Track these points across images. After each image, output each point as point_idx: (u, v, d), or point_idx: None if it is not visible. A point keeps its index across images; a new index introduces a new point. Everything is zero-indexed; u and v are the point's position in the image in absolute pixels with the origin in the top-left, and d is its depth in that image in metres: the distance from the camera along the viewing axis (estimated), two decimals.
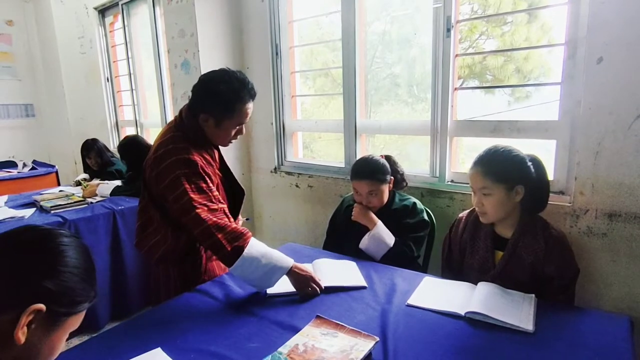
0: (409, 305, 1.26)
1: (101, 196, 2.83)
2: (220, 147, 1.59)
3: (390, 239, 1.72)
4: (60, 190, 3.11)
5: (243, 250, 1.30)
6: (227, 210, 1.40)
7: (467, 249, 1.51)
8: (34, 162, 4.63)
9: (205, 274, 1.56)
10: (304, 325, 1.15)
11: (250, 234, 1.36)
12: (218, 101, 1.40)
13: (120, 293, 2.59)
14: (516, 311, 1.18)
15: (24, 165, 4.39)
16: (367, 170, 1.78)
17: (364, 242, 1.74)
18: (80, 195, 2.83)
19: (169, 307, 1.32)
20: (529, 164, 1.38)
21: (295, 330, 1.13)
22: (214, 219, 1.32)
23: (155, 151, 1.43)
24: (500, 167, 1.36)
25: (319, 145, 3.23)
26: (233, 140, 1.53)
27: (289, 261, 1.36)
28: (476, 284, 1.34)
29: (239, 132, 1.50)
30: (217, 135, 1.47)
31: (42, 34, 4.93)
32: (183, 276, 1.52)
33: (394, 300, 1.30)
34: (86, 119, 4.71)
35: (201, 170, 1.38)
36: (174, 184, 1.34)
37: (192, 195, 1.33)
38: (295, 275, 1.35)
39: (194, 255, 1.53)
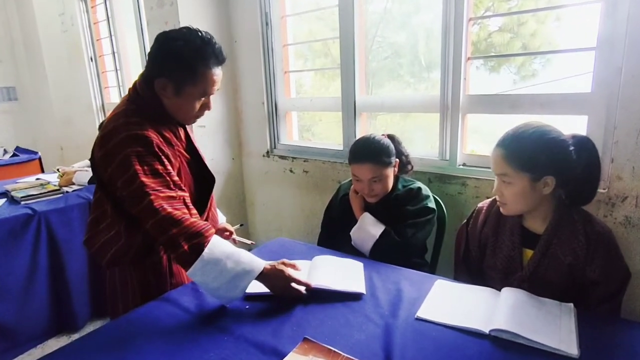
0: (418, 319, 1.03)
1: (78, 185, 2.59)
2: (186, 124, 1.34)
3: (376, 229, 1.50)
4: (37, 179, 2.87)
5: (203, 250, 1.06)
6: (188, 200, 1.17)
7: (489, 246, 1.26)
8: (17, 148, 4.39)
9: (173, 278, 1.32)
10: (289, 347, 0.92)
11: (213, 230, 1.12)
12: (176, 61, 1.14)
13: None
14: (554, 327, 0.95)
15: (5, 152, 4.16)
16: (370, 152, 1.51)
17: (352, 236, 1.55)
18: (57, 183, 2.60)
19: (127, 321, 1.09)
20: (571, 148, 1.11)
21: (278, 355, 0.90)
22: (169, 209, 1.08)
23: (104, 128, 1.17)
24: (526, 152, 1.10)
25: (320, 128, 2.96)
26: (200, 117, 1.27)
27: (259, 263, 1.12)
28: (500, 288, 1.11)
29: (205, 105, 1.24)
30: (178, 107, 1.21)
31: (21, 12, 4.61)
32: (143, 283, 1.28)
33: (400, 312, 1.06)
34: (71, 101, 4.45)
35: (157, 149, 1.14)
36: (123, 165, 1.10)
37: (144, 179, 1.09)
38: (268, 278, 1.12)
39: (153, 256, 1.28)
